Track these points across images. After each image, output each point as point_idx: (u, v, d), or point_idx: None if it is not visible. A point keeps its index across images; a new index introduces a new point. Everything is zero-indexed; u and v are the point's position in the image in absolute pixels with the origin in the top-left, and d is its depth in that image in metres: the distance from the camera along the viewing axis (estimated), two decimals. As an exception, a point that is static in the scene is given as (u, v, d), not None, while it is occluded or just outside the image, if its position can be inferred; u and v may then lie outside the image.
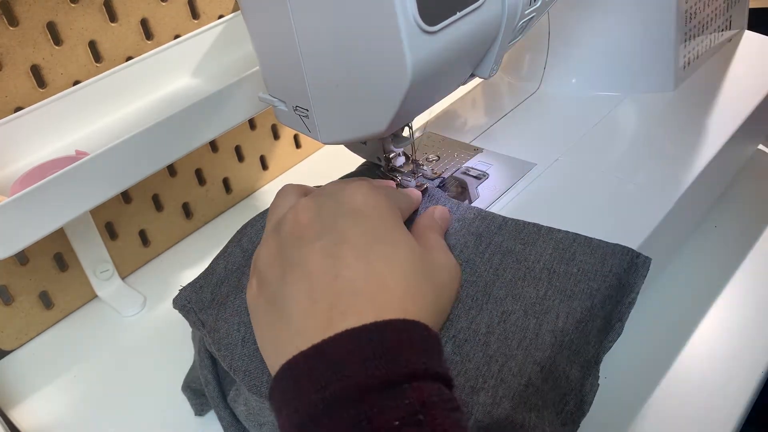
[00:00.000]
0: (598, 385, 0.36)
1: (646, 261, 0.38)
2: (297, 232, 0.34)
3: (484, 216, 0.41)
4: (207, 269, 0.44)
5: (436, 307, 0.33)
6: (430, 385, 0.28)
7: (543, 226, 0.40)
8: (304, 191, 0.39)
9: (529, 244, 0.39)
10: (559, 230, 0.40)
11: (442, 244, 0.38)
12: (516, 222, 0.41)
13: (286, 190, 0.39)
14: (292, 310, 0.31)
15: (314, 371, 0.28)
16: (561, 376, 0.35)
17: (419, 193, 0.43)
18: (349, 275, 0.31)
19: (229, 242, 0.44)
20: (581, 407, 0.36)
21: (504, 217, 0.41)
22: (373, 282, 0.31)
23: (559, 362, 0.34)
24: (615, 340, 0.37)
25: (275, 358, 0.31)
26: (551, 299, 0.36)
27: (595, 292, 0.36)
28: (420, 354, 0.29)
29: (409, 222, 0.41)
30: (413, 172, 0.47)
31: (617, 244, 0.39)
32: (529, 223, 0.40)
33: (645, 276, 0.38)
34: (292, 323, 0.31)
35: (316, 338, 0.29)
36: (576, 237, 0.39)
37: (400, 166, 0.46)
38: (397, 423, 0.26)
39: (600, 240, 0.39)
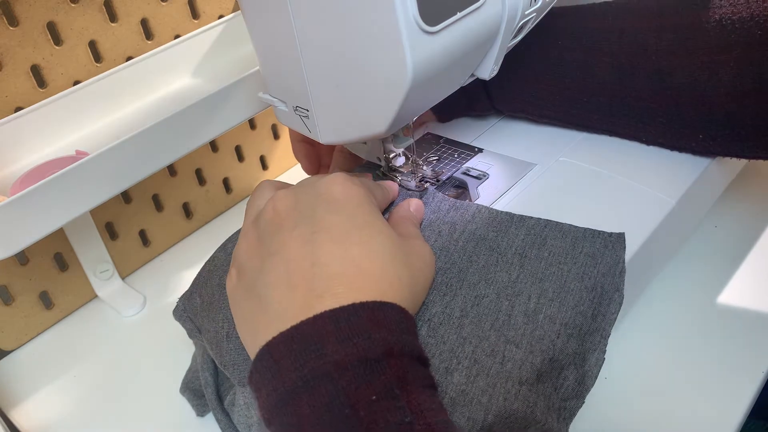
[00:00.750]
0: (604, 359, 0.37)
1: (620, 236, 0.39)
2: (275, 221, 0.34)
3: (458, 206, 0.42)
4: (195, 276, 0.44)
5: (411, 291, 0.33)
6: (406, 362, 0.29)
7: (515, 214, 0.41)
8: (281, 186, 0.39)
9: (502, 231, 0.40)
10: (531, 217, 0.41)
11: (417, 233, 0.39)
12: (489, 210, 0.42)
13: (263, 185, 0.39)
14: (271, 297, 0.31)
15: (292, 351, 0.29)
16: (550, 348, 0.35)
17: (396, 185, 0.43)
18: (327, 261, 0.31)
19: (216, 249, 0.44)
20: (583, 382, 0.36)
21: (478, 206, 0.42)
22: (350, 267, 0.31)
23: (543, 337, 0.35)
24: (618, 311, 0.38)
25: (254, 344, 0.31)
26: (523, 282, 0.37)
27: (567, 273, 0.38)
28: (396, 333, 0.29)
29: (386, 214, 0.42)
30: (413, 173, 0.47)
31: (587, 228, 0.40)
32: (501, 211, 0.42)
33: (624, 247, 0.39)
34: (270, 309, 0.31)
35: (295, 321, 0.29)
36: (547, 223, 0.40)
37: (400, 166, 0.46)
38: (374, 397, 0.27)
39: (571, 224, 0.40)
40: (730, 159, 0.49)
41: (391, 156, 0.45)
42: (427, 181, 0.47)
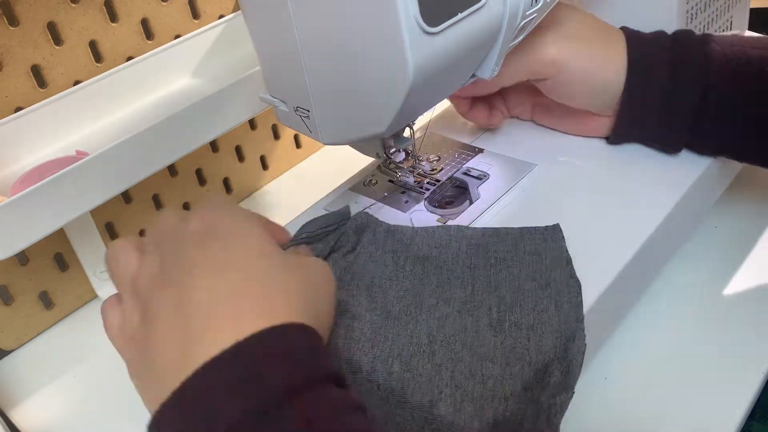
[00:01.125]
0: (585, 345, 0.36)
1: (555, 226, 0.40)
2: (148, 287, 0.29)
3: (393, 231, 0.42)
4: None
5: (312, 302, 0.29)
6: (314, 395, 0.24)
7: (451, 226, 0.41)
8: (137, 245, 0.32)
9: (444, 246, 0.40)
10: (467, 227, 0.41)
11: (301, 250, 0.37)
12: (425, 229, 0.41)
13: (116, 248, 0.32)
14: (156, 359, 0.27)
15: (179, 422, 0.24)
16: (525, 354, 0.35)
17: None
18: (199, 298, 0.27)
19: None
20: (569, 372, 0.36)
21: (413, 228, 0.42)
22: (227, 294, 0.27)
23: (514, 346, 0.35)
24: (580, 293, 0.38)
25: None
26: (480, 294, 0.37)
27: (518, 275, 0.38)
28: (295, 363, 0.25)
29: None
30: (413, 168, 0.47)
31: (523, 227, 0.40)
32: (438, 227, 0.41)
33: (563, 237, 0.40)
34: (155, 372, 0.27)
35: (177, 381, 0.25)
36: (484, 230, 0.41)
37: (400, 162, 0.46)
38: None
39: (507, 227, 0.41)
40: (730, 160, 0.48)
41: (390, 151, 0.45)
42: (425, 177, 0.47)
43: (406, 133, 0.44)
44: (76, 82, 0.51)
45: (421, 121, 0.53)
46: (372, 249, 0.41)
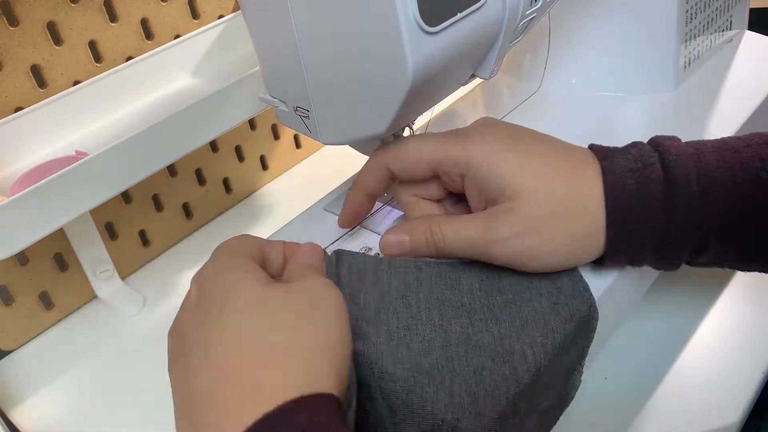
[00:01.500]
0: (580, 381, 0.36)
1: None
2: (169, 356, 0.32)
3: (394, 265, 0.37)
4: None
5: (327, 350, 0.27)
6: None
7: (457, 262, 0.37)
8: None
9: (455, 286, 0.36)
10: (475, 262, 0.36)
11: (313, 271, 0.32)
12: (429, 266, 0.37)
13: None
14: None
15: None
16: (562, 392, 0.34)
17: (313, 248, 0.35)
18: (200, 389, 0.27)
19: None
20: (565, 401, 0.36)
21: (415, 264, 0.37)
22: (228, 378, 0.26)
23: (549, 387, 0.34)
24: (595, 328, 0.36)
25: None
26: (508, 337, 0.33)
27: (539, 308, 0.34)
28: None
29: None
30: None
31: None
32: (443, 262, 0.37)
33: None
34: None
35: None
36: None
37: None
38: None
39: None
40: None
41: None
42: None
43: (406, 133, 0.44)
44: (76, 82, 0.51)
45: (421, 121, 0.53)
46: (378, 291, 0.36)
